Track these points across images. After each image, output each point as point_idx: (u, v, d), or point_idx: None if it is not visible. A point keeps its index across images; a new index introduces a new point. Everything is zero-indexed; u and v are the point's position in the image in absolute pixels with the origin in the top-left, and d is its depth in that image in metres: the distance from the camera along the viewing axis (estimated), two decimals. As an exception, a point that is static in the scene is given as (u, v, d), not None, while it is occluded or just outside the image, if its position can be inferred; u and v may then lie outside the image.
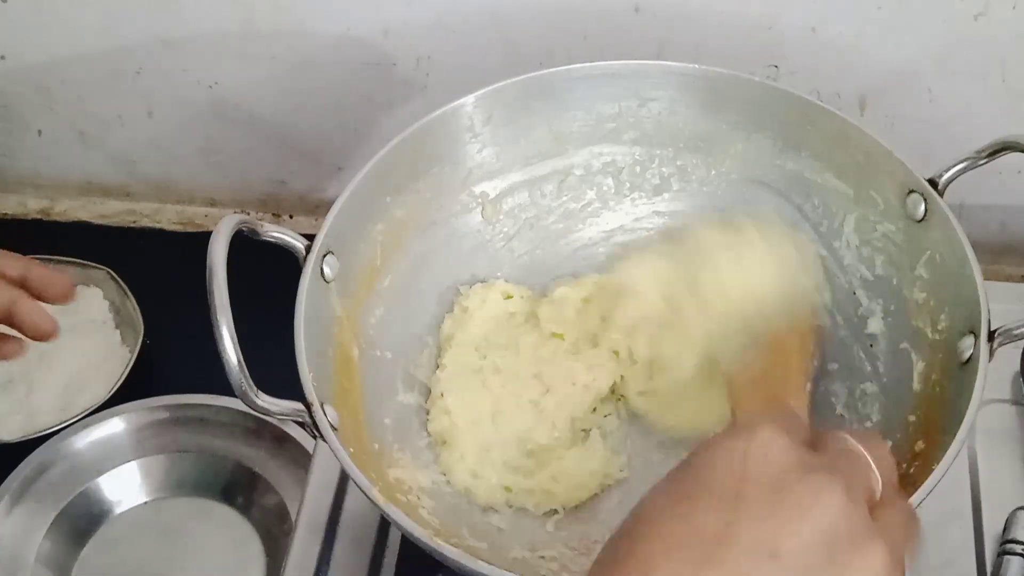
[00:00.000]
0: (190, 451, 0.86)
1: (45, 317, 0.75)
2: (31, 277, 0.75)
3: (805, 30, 0.83)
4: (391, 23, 0.87)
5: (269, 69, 0.92)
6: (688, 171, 0.79)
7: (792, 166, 0.76)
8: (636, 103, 0.77)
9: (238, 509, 0.85)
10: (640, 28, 0.84)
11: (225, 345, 0.57)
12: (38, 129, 1.01)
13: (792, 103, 0.74)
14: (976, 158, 0.68)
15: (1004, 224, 0.92)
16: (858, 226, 0.74)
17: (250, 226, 0.63)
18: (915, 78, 0.84)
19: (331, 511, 0.75)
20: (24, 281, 0.75)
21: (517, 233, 0.79)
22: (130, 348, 0.90)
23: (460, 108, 0.74)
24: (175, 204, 1.05)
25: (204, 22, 0.90)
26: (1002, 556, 0.71)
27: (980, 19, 0.80)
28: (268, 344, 0.62)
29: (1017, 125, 0.82)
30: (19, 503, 0.83)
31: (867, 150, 0.71)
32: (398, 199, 0.73)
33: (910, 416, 0.68)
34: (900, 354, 0.71)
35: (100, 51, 0.93)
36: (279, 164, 1.00)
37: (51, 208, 1.06)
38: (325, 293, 0.67)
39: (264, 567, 0.82)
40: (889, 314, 0.73)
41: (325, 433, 0.60)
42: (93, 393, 0.88)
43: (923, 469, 0.62)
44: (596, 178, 0.80)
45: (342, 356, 0.68)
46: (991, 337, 0.63)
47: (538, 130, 0.77)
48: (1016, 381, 0.79)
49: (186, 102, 0.96)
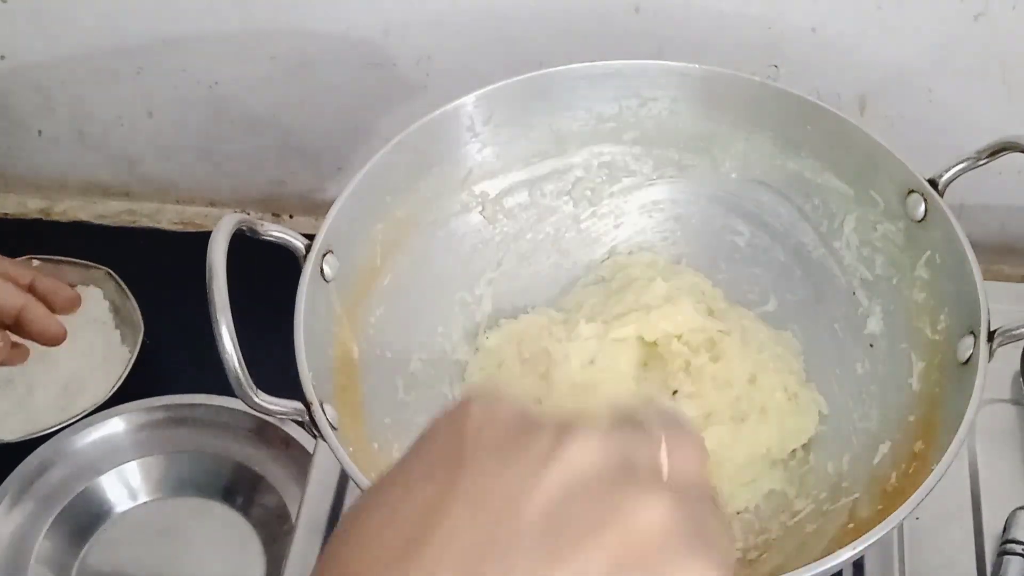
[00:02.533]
0: (190, 451, 0.86)
1: (54, 322, 0.76)
2: (38, 286, 0.76)
3: (805, 30, 0.83)
4: (391, 23, 0.87)
5: (269, 69, 0.92)
6: (688, 171, 0.79)
7: (792, 166, 0.76)
8: (636, 103, 0.77)
9: (238, 509, 0.85)
10: (640, 28, 0.84)
11: (225, 345, 0.57)
12: (38, 129, 1.00)
13: (792, 103, 0.74)
14: (976, 158, 0.68)
15: (1004, 224, 0.92)
16: (858, 226, 0.74)
17: (250, 225, 0.63)
18: (915, 78, 0.84)
19: (331, 511, 0.75)
20: (32, 289, 0.76)
21: (517, 233, 0.79)
22: (130, 348, 0.90)
23: (460, 108, 0.74)
24: (175, 204, 1.05)
25: (204, 22, 0.90)
26: (1002, 556, 0.71)
27: (980, 19, 0.79)
28: (268, 344, 0.62)
29: (1017, 125, 0.82)
30: (19, 503, 0.83)
31: (867, 150, 0.71)
32: (398, 199, 0.73)
33: (910, 416, 0.68)
34: (900, 354, 0.71)
35: (100, 51, 0.93)
36: (279, 164, 1.00)
37: (51, 208, 1.05)
38: (325, 293, 0.67)
39: (264, 567, 0.82)
40: (889, 314, 0.72)
41: (325, 433, 0.60)
42: (93, 393, 0.88)
43: (923, 469, 0.62)
44: (596, 178, 0.80)
45: (342, 356, 0.68)
46: (991, 337, 0.63)
47: (538, 130, 0.77)
48: (1016, 381, 0.79)
49: (186, 102, 0.96)
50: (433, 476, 0.37)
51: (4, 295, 0.75)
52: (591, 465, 0.35)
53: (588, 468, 0.35)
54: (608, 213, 0.80)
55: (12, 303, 0.74)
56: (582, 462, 0.35)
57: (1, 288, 0.75)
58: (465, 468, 0.36)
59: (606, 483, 0.35)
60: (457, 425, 0.38)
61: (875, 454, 0.68)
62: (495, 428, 0.37)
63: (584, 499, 0.35)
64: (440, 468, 0.37)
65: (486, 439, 0.37)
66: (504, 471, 0.36)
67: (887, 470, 0.67)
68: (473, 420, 0.38)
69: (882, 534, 0.57)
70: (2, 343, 0.75)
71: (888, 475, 0.66)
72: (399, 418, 0.71)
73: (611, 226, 0.81)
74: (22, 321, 0.75)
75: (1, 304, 0.74)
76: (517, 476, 0.35)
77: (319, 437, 0.61)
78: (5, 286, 0.75)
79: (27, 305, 0.75)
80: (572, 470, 0.35)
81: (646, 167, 0.79)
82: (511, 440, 0.37)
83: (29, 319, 0.75)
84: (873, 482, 0.67)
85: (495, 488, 0.35)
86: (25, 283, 0.77)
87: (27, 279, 0.77)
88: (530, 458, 0.36)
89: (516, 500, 0.35)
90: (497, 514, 0.35)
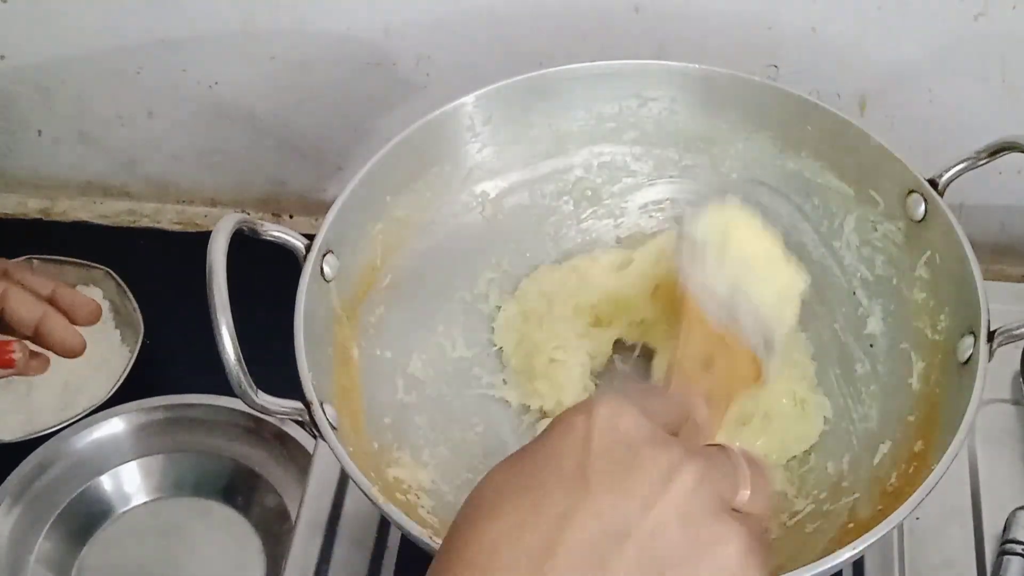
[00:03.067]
0: (190, 451, 0.86)
1: (73, 333, 0.76)
2: (59, 297, 0.77)
3: (805, 30, 0.83)
4: (391, 23, 0.87)
5: (269, 69, 0.92)
6: (688, 171, 0.79)
7: (792, 166, 0.76)
8: (636, 103, 0.77)
9: (238, 509, 0.85)
10: (640, 28, 0.84)
11: (224, 344, 0.57)
12: (38, 129, 1.01)
13: (792, 103, 0.74)
14: (976, 158, 0.68)
15: (1004, 224, 0.92)
16: (858, 226, 0.74)
17: (250, 225, 0.63)
18: (915, 78, 0.84)
19: (331, 511, 0.75)
20: (53, 301, 0.77)
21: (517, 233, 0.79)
22: (130, 348, 0.90)
23: (460, 108, 0.74)
24: (175, 204, 1.05)
25: (204, 22, 0.90)
26: (1002, 556, 0.71)
27: (980, 19, 0.79)
28: (268, 343, 0.62)
29: (1017, 125, 0.82)
30: (19, 503, 0.83)
31: (867, 150, 0.71)
32: (398, 199, 0.73)
33: (910, 416, 0.68)
34: (900, 354, 0.71)
35: (100, 51, 0.93)
36: (279, 164, 1.00)
37: (51, 208, 1.06)
38: (325, 292, 0.67)
39: (264, 567, 0.82)
40: (889, 314, 0.72)
41: (324, 432, 0.60)
42: (93, 393, 0.88)
43: (923, 469, 0.62)
44: (596, 178, 0.80)
45: (342, 355, 0.68)
46: (991, 337, 0.63)
47: (538, 130, 0.77)
48: (1016, 381, 0.79)
49: (186, 102, 0.96)
50: (560, 488, 0.40)
51: (23, 306, 0.75)
52: (692, 501, 0.40)
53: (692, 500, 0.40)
54: (608, 214, 0.80)
55: (31, 314, 0.75)
56: (685, 498, 0.40)
57: (20, 299, 0.75)
58: (588, 487, 0.40)
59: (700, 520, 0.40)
60: (582, 435, 0.41)
61: (875, 454, 0.68)
62: (617, 445, 0.41)
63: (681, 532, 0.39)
64: (567, 482, 0.40)
65: (608, 457, 0.40)
66: (622, 495, 0.39)
67: (887, 470, 0.67)
68: (597, 433, 0.41)
69: (882, 534, 0.57)
70: (20, 354, 0.75)
71: (888, 475, 0.66)
72: (399, 418, 0.71)
73: (611, 226, 0.81)
74: (41, 332, 0.76)
75: (20, 315, 0.75)
76: (632, 503, 0.39)
77: (319, 437, 0.61)
78: (24, 297, 0.75)
79: (46, 316, 0.75)
80: (676, 505, 0.40)
81: (646, 167, 0.79)
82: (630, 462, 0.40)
83: (48, 330, 0.76)
84: (873, 482, 0.67)
85: (613, 511, 0.39)
86: (45, 294, 0.77)
87: (47, 290, 0.78)
88: (644, 487, 0.40)
89: (629, 524, 0.39)
90: (614, 536, 0.39)
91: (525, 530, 0.39)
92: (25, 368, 0.76)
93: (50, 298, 0.77)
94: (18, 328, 0.76)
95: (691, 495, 0.40)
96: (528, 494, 0.40)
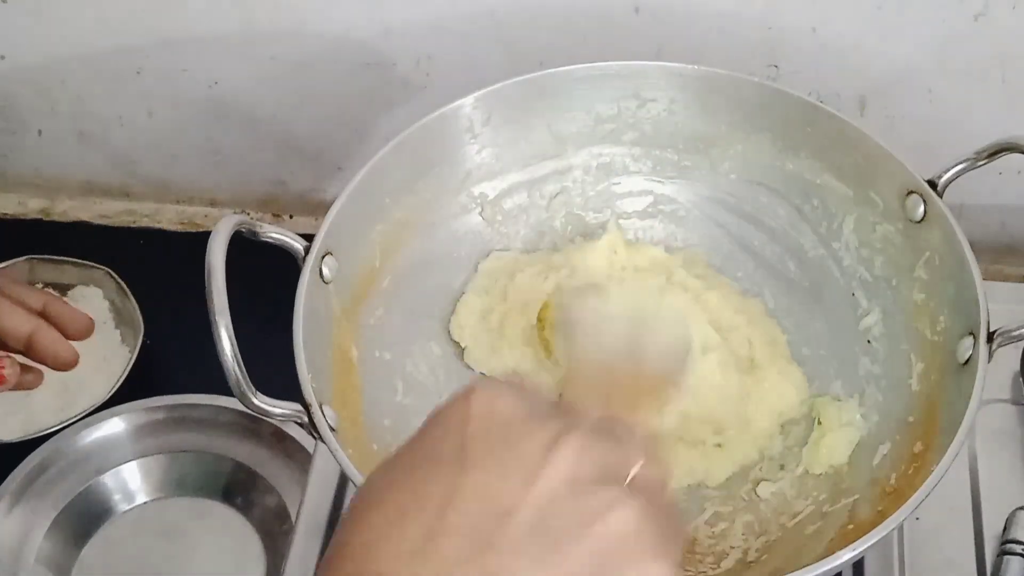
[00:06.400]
0: (190, 451, 0.86)
1: (65, 347, 0.76)
2: (51, 311, 0.77)
3: (805, 30, 0.83)
4: (391, 23, 0.87)
5: (269, 69, 0.92)
6: (687, 172, 0.79)
7: (792, 167, 0.76)
8: (635, 104, 0.77)
9: (238, 509, 0.85)
10: (640, 28, 0.84)
11: (223, 346, 0.57)
12: (38, 129, 1.01)
13: (791, 103, 0.74)
14: (976, 159, 0.68)
15: (1004, 224, 0.92)
16: (857, 227, 0.74)
17: (249, 227, 0.63)
18: (915, 78, 0.84)
19: (331, 511, 0.75)
20: (45, 314, 0.77)
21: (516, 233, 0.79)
22: (130, 348, 0.90)
23: (460, 108, 0.74)
24: (175, 204, 1.05)
25: (204, 22, 0.90)
26: (1002, 556, 0.71)
27: (980, 19, 0.79)
28: (267, 344, 0.62)
29: (1017, 125, 0.82)
30: (19, 503, 0.83)
31: (866, 151, 0.71)
32: (398, 199, 0.74)
33: (909, 417, 0.68)
34: (899, 355, 0.71)
35: (100, 51, 0.93)
36: (279, 164, 1.00)
37: (51, 208, 1.05)
38: (324, 294, 0.67)
39: (264, 567, 0.82)
40: (888, 315, 0.72)
41: (324, 434, 0.60)
42: (93, 393, 0.88)
43: (922, 470, 0.62)
44: (595, 179, 0.80)
45: (341, 357, 0.68)
46: (990, 338, 0.63)
47: (538, 130, 0.77)
48: (1016, 381, 0.79)
49: (186, 102, 0.96)
50: (440, 473, 0.40)
51: (13, 320, 0.75)
52: (577, 471, 0.39)
53: (574, 474, 0.39)
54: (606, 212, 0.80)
55: (22, 328, 0.75)
56: (568, 468, 0.39)
57: (10, 313, 0.75)
58: (467, 468, 0.39)
59: (588, 488, 0.39)
60: (459, 420, 0.41)
61: (875, 455, 0.68)
62: (495, 425, 0.41)
63: (570, 502, 0.39)
64: (446, 466, 0.40)
65: (486, 437, 0.40)
66: (503, 472, 0.39)
67: (887, 471, 0.67)
68: (475, 416, 0.41)
69: (882, 535, 0.57)
70: (12, 370, 0.75)
71: (888, 476, 0.66)
72: (398, 420, 0.71)
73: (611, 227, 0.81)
74: (33, 346, 0.76)
75: (10, 329, 0.75)
76: (514, 478, 0.39)
77: (318, 438, 0.61)
78: (14, 311, 0.75)
79: (38, 330, 0.75)
80: (560, 476, 0.39)
81: (645, 168, 0.79)
82: (509, 439, 0.40)
83: (40, 344, 0.76)
84: (873, 483, 0.67)
85: (495, 489, 0.39)
86: (37, 308, 0.77)
87: (39, 304, 0.77)
88: (525, 462, 0.39)
89: (513, 500, 0.39)
90: (497, 514, 0.39)
91: (407, 518, 0.39)
92: (18, 383, 0.76)
93: (42, 312, 0.77)
94: (10, 343, 0.76)
95: (575, 465, 0.40)
96: (408, 483, 0.40)
